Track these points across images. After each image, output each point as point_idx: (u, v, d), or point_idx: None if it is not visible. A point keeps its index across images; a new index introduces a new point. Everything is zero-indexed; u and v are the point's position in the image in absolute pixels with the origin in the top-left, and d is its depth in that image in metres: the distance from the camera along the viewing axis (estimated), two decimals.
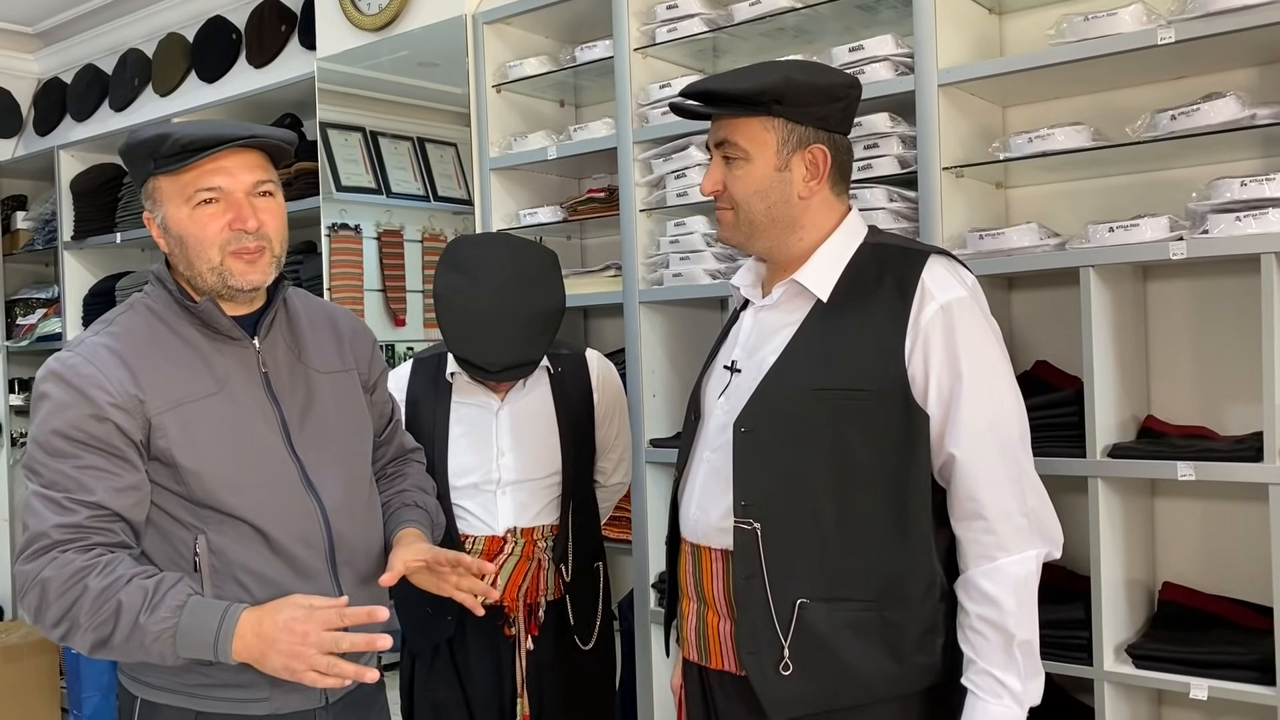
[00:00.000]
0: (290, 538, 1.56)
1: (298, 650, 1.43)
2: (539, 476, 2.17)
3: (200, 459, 1.53)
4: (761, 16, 2.40)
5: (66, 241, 4.31)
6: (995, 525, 1.50)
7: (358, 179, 3.37)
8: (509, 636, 2.14)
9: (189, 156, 1.51)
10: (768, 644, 1.54)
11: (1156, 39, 1.88)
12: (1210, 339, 2.16)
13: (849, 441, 1.53)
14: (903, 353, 1.52)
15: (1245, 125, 1.86)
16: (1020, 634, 1.50)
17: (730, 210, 1.63)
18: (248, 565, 1.53)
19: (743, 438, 1.58)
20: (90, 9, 4.37)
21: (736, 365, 1.66)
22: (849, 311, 1.57)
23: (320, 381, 1.68)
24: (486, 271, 2.05)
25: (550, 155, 2.75)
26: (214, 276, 1.56)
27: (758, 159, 1.59)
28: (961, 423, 1.51)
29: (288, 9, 3.73)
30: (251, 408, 1.59)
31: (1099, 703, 1.98)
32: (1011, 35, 2.35)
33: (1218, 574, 2.15)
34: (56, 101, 4.63)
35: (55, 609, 1.45)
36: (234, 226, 1.54)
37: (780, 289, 1.64)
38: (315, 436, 1.64)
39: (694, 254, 2.51)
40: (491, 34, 2.88)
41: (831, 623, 1.53)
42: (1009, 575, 1.50)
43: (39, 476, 1.50)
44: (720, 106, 1.61)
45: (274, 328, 1.65)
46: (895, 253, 1.61)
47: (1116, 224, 1.96)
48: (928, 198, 2.13)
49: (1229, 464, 1.87)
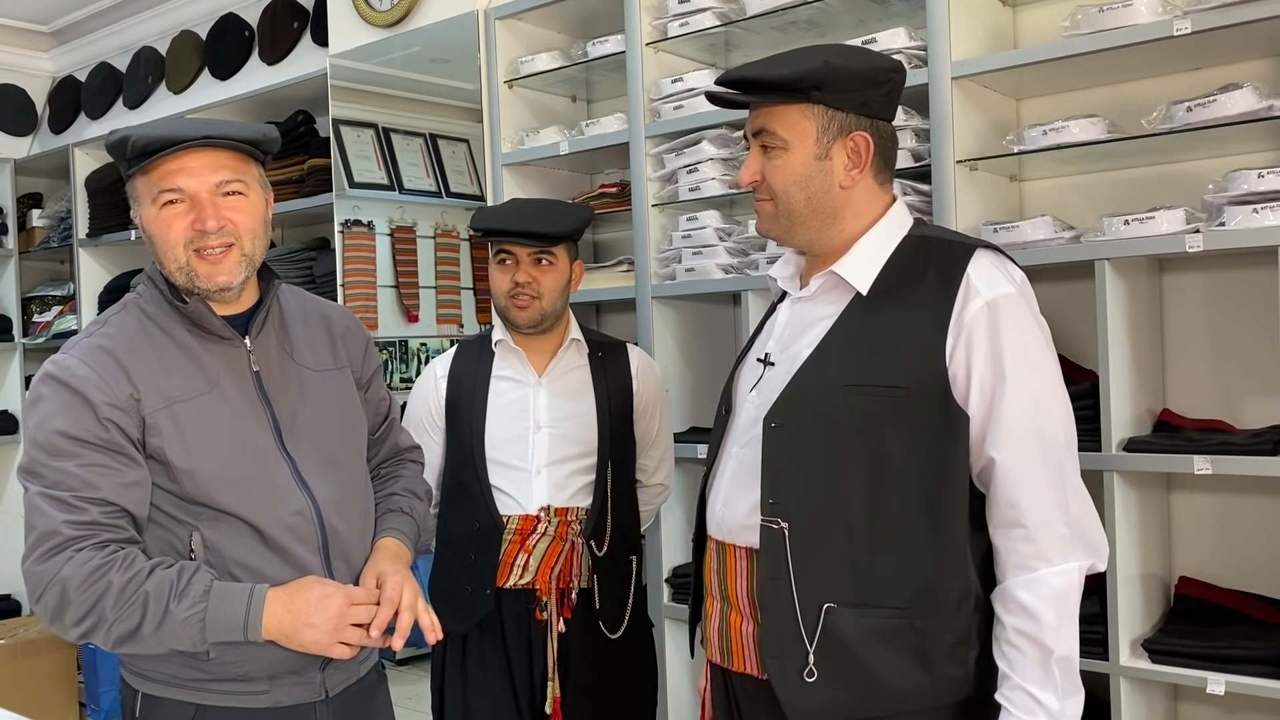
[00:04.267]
0: (283, 533, 1.57)
1: (334, 624, 1.50)
2: (575, 456, 2.18)
3: (192, 457, 1.53)
4: (774, 10, 2.39)
5: (81, 239, 4.33)
6: (1035, 534, 1.42)
7: (370, 175, 3.38)
8: (540, 620, 2.14)
9: (148, 157, 1.51)
10: (792, 649, 1.48)
11: (1172, 30, 1.87)
12: (1226, 332, 2.14)
13: (884, 440, 1.45)
14: (944, 350, 1.45)
15: (1263, 116, 1.84)
16: (1059, 649, 1.41)
17: (769, 201, 1.57)
18: (242, 560, 1.54)
19: (772, 433, 1.51)
20: (104, 7, 4.39)
21: (770, 358, 1.60)
22: (889, 305, 1.50)
23: (312, 380, 1.68)
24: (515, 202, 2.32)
25: (562, 150, 2.75)
26: (182, 276, 1.56)
27: (797, 147, 1.53)
28: (1003, 425, 1.43)
29: (300, 6, 3.74)
30: (243, 407, 1.60)
31: (1115, 698, 1.97)
32: (1025, 27, 2.34)
33: (1234, 568, 2.14)
34: (71, 100, 4.65)
35: (77, 606, 1.45)
36: (195, 227, 1.53)
37: (818, 280, 1.57)
38: (307, 435, 1.64)
39: (706, 248, 2.51)
40: (503, 29, 2.88)
41: (860, 629, 1.46)
42: (1049, 587, 1.42)
43: (41, 478, 1.49)
44: (757, 94, 1.55)
45: (265, 327, 1.66)
46: (940, 245, 1.54)
47: (1132, 216, 1.95)
48: (942, 191, 2.12)
49: (1246, 457, 1.86)
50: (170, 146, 1.51)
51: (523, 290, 2.15)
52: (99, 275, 4.37)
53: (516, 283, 2.16)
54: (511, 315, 2.18)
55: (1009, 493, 1.44)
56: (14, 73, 4.74)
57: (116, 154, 1.56)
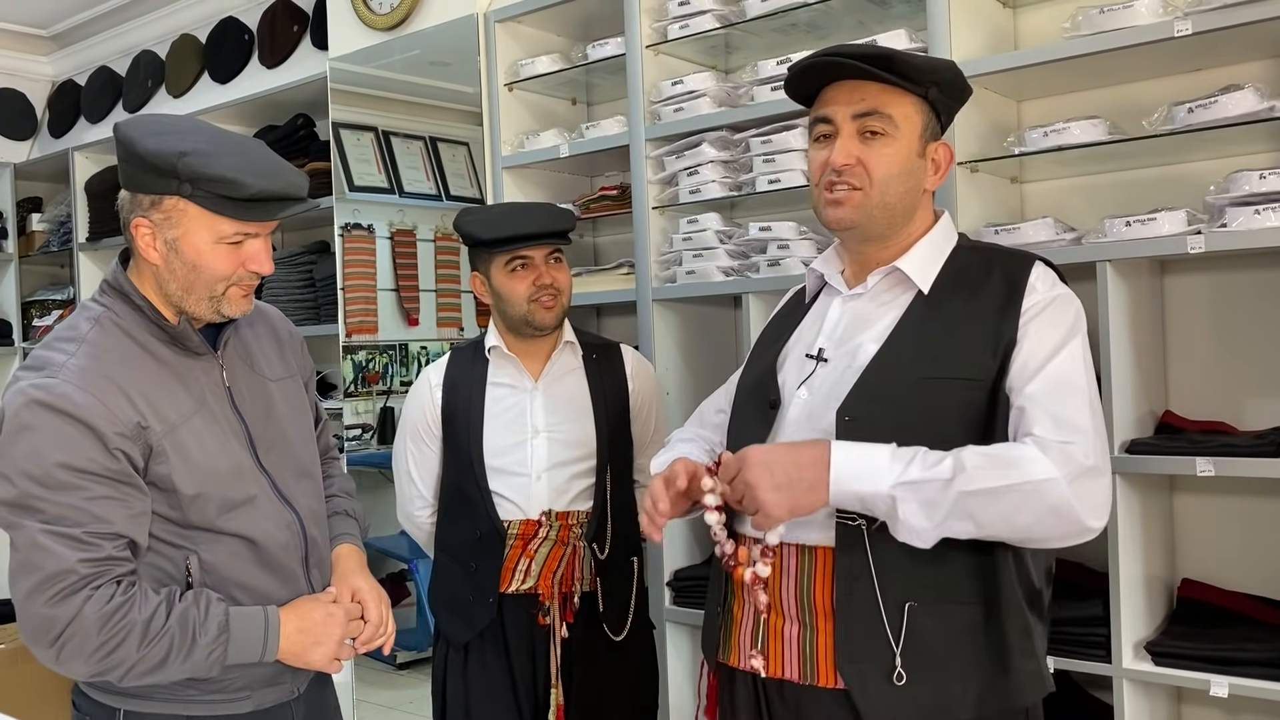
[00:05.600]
0: (275, 548, 1.60)
1: (338, 642, 1.59)
2: (574, 459, 2.17)
3: (196, 482, 1.52)
4: (774, 12, 2.39)
5: (81, 243, 4.34)
6: (1073, 433, 1.40)
7: (370, 179, 3.38)
8: (543, 625, 2.13)
9: (252, 211, 1.51)
10: (876, 652, 1.44)
11: (1173, 31, 1.87)
12: (1229, 333, 2.14)
13: (954, 431, 1.46)
14: (1013, 344, 1.48)
15: (1264, 118, 1.84)
16: (966, 486, 1.38)
17: (859, 190, 1.54)
18: (239, 580, 1.57)
19: (847, 426, 1.48)
20: (103, 11, 4.39)
21: (824, 354, 1.60)
22: (955, 303, 1.54)
23: (273, 391, 1.69)
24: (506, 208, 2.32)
25: (562, 153, 2.75)
26: (209, 305, 1.56)
27: (905, 138, 1.54)
28: (1043, 376, 1.45)
29: (299, 9, 3.74)
30: (224, 425, 1.59)
31: (1118, 700, 1.97)
32: (1026, 28, 2.34)
33: (1238, 570, 2.13)
34: (71, 104, 4.65)
35: (100, 648, 1.43)
36: (249, 267, 1.55)
37: (877, 277, 1.60)
38: (278, 448, 1.65)
39: (707, 251, 2.50)
40: (503, 32, 2.88)
41: (942, 628, 1.44)
42: (1045, 464, 1.37)
43: (40, 513, 1.42)
44: (894, 73, 1.52)
45: (230, 343, 1.66)
46: (1002, 253, 1.62)
47: (1133, 218, 1.94)
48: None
49: (1249, 459, 1.86)
50: (284, 207, 1.53)
51: (546, 290, 2.15)
52: (99, 279, 4.34)
53: (540, 285, 2.14)
54: (537, 318, 2.15)
55: (1046, 405, 1.42)
56: (14, 77, 4.74)
57: (185, 173, 1.47)
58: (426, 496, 2.26)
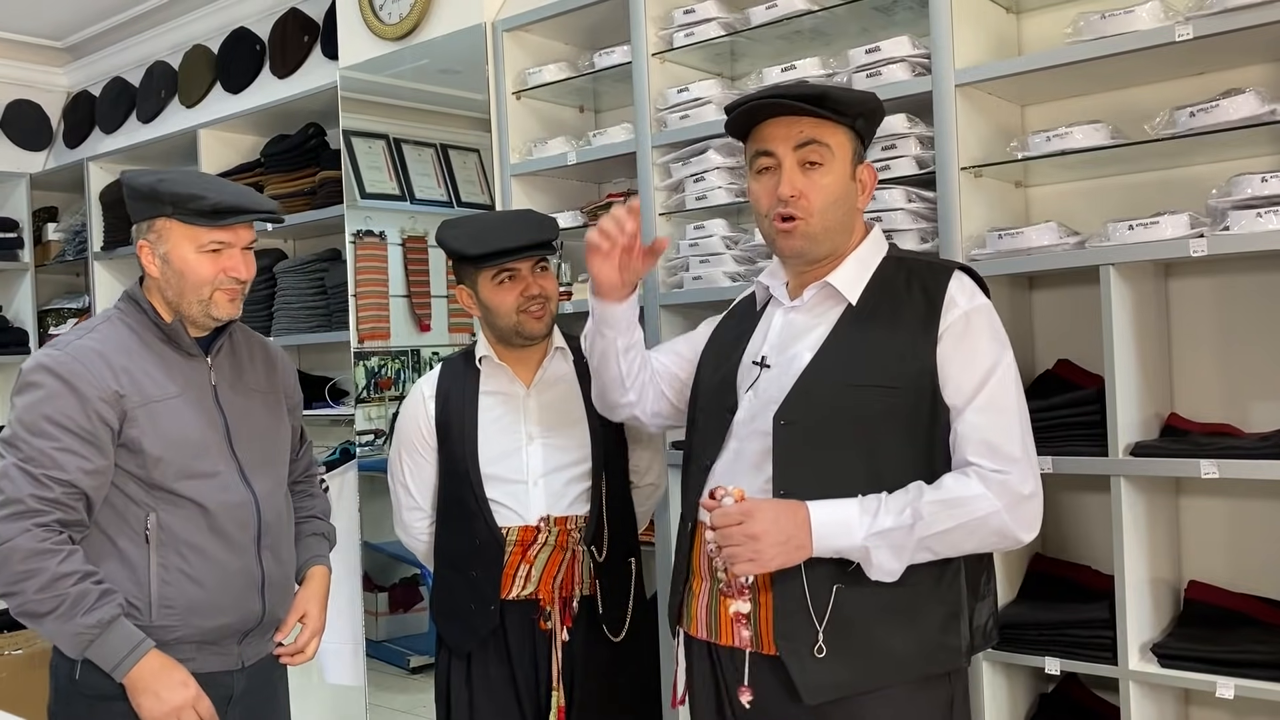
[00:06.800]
0: (227, 519, 1.88)
1: (173, 708, 1.78)
2: (569, 464, 2.19)
3: (162, 447, 1.83)
4: (778, 19, 2.41)
5: (96, 252, 4.38)
6: (1005, 460, 1.60)
7: (382, 186, 3.40)
8: (544, 630, 2.15)
9: (216, 219, 1.84)
10: (802, 629, 1.60)
11: (1174, 36, 1.88)
12: (1234, 336, 2.15)
13: (879, 432, 1.62)
14: (933, 353, 1.63)
15: (1265, 121, 1.85)
16: (921, 533, 1.57)
17: (803, 220, 1.68)
18: (190, 540, 1.85)
19: (782, 429, 1.65)
20: (118, 22, 4.44)
21: (766, 361, 1.74)
22: (879, 315, 1.68)
23: (255, 399, 2.02)
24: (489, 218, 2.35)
25: (570, 160, 2.77)
26: (199, 307, 1.89)
27: (838, 165, 1.69)
28: (982, 397, 1.62)
29: (310, 19, 3.77)
30: (203, 412, 1.91)
31: (1124, 702, 1.97)
32: (1030, 34, 2.35)
33: (1245, 572, 2.13)
34: (85, 114, 4.71)
35: (9, 573, 1.72)
36: (230, 273, 1.88)
37: (812, 291, 1.74)
38: (251, 441, 1.97)
39: (713, 256, 2.52)
40: (511, 41, 2.91)
41: (865, 607, 1.60)
42: (990, 491, 1.58)
43: (19, 451, 1.76)
44: (825, 109, 1.66)
45: (222, 352, 1.98)
46: (921, 265, 1.74)
47: (1136, 221, 1.95)
48: (946, 198, 2.13)
49: (1253, 461, 1.86)
50: (242, 216, 1.86)
51: (535, 301, 2.17)
52: (114, 287, 4.41)
53: (529, 296, 2.16)
54: (527, 328, 2.17)
55: (984, 434, 1.61)
56: (30, 88, 4.80)
57: (165, 198, 1.84)
58: (424, 508, 2.28)
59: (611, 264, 1.79)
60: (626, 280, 1.82)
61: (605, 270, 1.80)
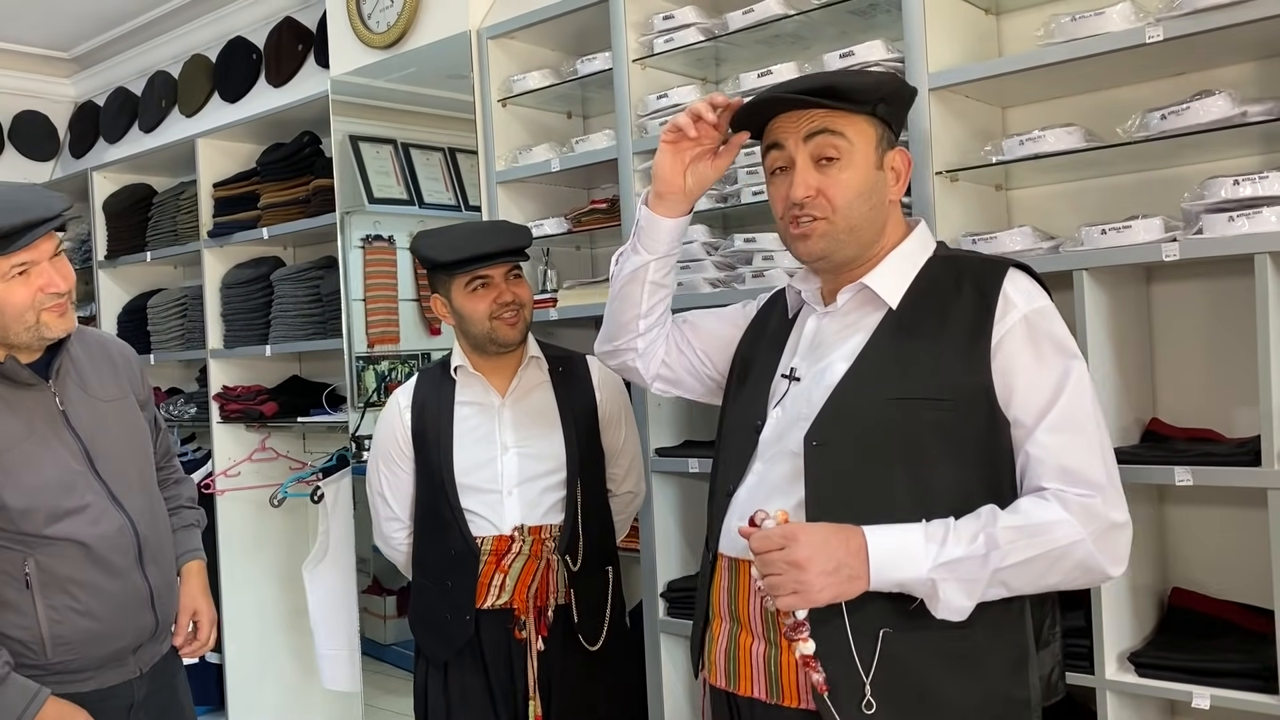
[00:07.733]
0: (107, 548, 1.85)
1: None
2: (544, 474, 2.19)
3: (25, 498, 1.79)
4: (756, 24, 2.40)
5: (101, 261, 4.42)
6: (1094, 489, 1.40)
7: (390, 191, 3.41)
8: (519, 639, 2.15)
9: (8, 244, 1.74)
10: (847, 678, 1.41)
11: (1145, 37, 1.85)
12: (1216, 340, 2.12)
13: (926, 453, 1.44)
14: (988, 363, 1.44)
15: (1236, 124, 1.82)
16: (996, 564, 1.38)
17: (823, 220, 1.52)
18: (73, 576, 1.82)
19: (815, 451, 1.47)
20: (122, 32, 4.47)
21: (795, 373, 1.58)
22: (924, 319, 1.50)
23: (107, 411, 1.95)
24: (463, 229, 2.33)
25: (554, 167, 2.77)
26: (29, 334, 1.82)
27: (860, 156, 1.51)
28: (1051, 421, 1.43)
29: (304, 28, 3.79)
30: (57, 445, 1.85)
31: (1101, 712, 1.95)
32: (1010, 35, 2.32)
33: (1229, 579, 2.10)
34: (90, 124, 4.75)
35: None
36: (47, 290, 1.80)
37: (847, 295, 1.57)
38: (113, 460, 1.92)
39: (694, 263, 2.51)
40: (496, 48, 2.91)
41: (919, 653, 1.41)
42: (1077, 517, 1.38)
43: None
44: (835, 99, 1.50)
45: (63, 370, 1.90)
46: (973, 262, 1.56)
47: (1109, 226, 1.93)
48: (922, 202, 2.11)
49: (1227, 468, 1.84)
50: (26, 232, 1.75)
51: (508, 308, 2.17)
52: (118, 296, 4.46)
53: (502, 303, 2.17)
54: (501, 335, 2.18)
55: (1060, 458, 1.41)
56: (38, 99, 4.85)
57: None
58: (402, 518, 2.29)
59: (679, 156, 1.61)
60: (690, 187, 1.63)
61: (666, 162, 1.61)
